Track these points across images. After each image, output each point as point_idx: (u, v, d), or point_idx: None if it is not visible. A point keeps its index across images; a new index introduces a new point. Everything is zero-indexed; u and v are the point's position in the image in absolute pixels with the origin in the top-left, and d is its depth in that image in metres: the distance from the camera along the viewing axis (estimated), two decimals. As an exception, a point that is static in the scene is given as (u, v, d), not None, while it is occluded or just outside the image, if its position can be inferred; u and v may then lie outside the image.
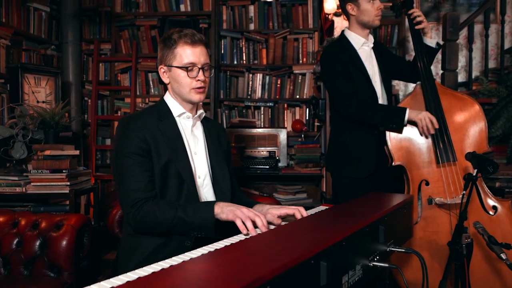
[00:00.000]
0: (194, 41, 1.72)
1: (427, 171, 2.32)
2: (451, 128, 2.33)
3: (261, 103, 4.39)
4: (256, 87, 4.41)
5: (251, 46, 4.43)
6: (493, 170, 1.85)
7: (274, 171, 3.72)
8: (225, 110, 4.41)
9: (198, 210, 1.55)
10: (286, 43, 4.38)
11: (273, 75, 4.39)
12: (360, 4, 2.46)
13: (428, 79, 2.37)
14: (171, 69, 1.73)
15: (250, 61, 4.43)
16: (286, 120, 4.35)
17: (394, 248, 1.54)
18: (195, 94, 1.75)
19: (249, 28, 4.44)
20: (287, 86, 4.37)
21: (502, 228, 2.27)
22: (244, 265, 0.89)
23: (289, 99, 4.35)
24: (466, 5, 4.48)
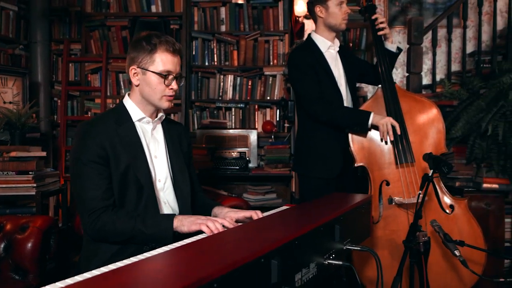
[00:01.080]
0: (174, 49, 1.74)
1: (388, 171, 2.40)
2: (410, 130, 2.41)
3: (232, 104, 4.43)
4: (227, 88, 4.44)
5: (222, 48, 4.46)
6: (448, 170, 1.93)
7: (244, 172, 3.76)
8: (197, 111, 4.44)
9: (158, 222, 1.57)
10: (257, 45, 4.43)
11: (244, 76, 4.43)
12: (329, 7, 2.52)
13: (389, 83, 2.45)
14: (146, 73, 1.73)
15: (222, 62, 4.46)
16: (257, 121, 4.40)
17: (351, 246, 1.60)
18: (165, 102, 1.77)
19: (221, 29, 4.47)
20: (258, 88, 4.41)
21: (459, 226, 2.36)
22: (194, 264, 0.92)
23: (260, 100, 4.40)
24: (432, 9, 4.61)
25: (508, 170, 2.70)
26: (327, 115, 2.43)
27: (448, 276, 2.34)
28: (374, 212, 2.43)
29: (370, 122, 2.34)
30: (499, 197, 2.79)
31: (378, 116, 2.36)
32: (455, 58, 4.55)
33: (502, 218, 2.81)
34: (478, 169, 2.82)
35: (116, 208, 1.63)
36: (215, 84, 4.45)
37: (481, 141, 2.76)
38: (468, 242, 2.32)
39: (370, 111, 2.38)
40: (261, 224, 1.34)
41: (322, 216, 1.42)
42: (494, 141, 2.70)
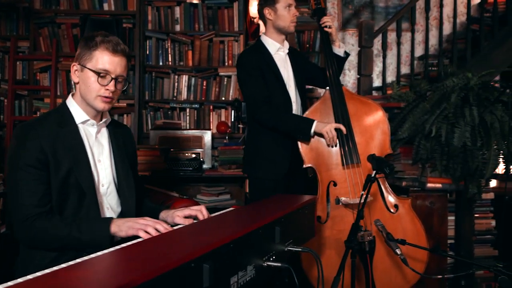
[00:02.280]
0: (115, 50, 1.69)
1: (335, 172, 2.44)
2: (357, 131, 2.46)
3: (187, 105, 4.39)
4: (181, 88, 4.40)
5: (177, 47, 4.41)
6: (390, 171, 1.98)
7: (197, 173, 3.73)
8: (150, 112, 4.37)
9: (94, 228, 1.53)
10: (212, 45, 4.41)
11: (199, 77, 4.40)
12: (277, 9, 2.54)
13: (336, 85, 2.49)
14: (83, 70, 1.69)
15: (176, 62, 4.42)
16: (212, 122, 4.38)
17: (293, 247, 1.61)
18: (100, 102, 1.71)
19: (175, 29, 4.42)
20: (212, 88, 4.39)
21: (403, 225, 2.43)
22: (119, 270, 0.91)
23: (215, 101, 4.38)
24: (384, 13, 4.74)
25: (450, 170, 2.80)
26: (272, 121, 2.45)
27: (392, 273, 2.40)
28: (322, 212, 2.47)
29: (313, 130, 2.38)
30: (443, 196, 2.89)
31: (321, 124, 2.40)
32: (405, 61, 4.68)
33: (446, 216, 2.91)
34: (423, 169, 2.92)
35: (50, 215, 1.57)
36: (169, 84, 4.40)
37: (425, 142, 2.84)
38: (411, 240, 2.39)
39: (313, 119, 2.42)
40: (198, 227, 1.33)
41: (261, 219, 1.42)
42: (437, 142, 2.79)
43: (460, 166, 2.77)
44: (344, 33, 4.73)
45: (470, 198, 2.98)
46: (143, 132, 4.31)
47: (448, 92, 2.82)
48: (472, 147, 2.68)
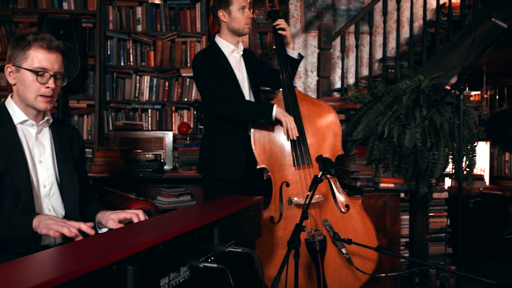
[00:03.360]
0: (50, 46, 1.68)
1: (287, 173, 2.47)
2: (309, 132, 2.49)
3: (149, 106, 4.36)
4: (143, 89, 4.37)
5: (139, 48, 4.38)
6: (335, 172, 2.01)
7: (157, 174, 3.71)
8: (111, 112, 4.32)
9: (16, 225, 1.51)
10: (174, 46, 4.39)
11: (161, 77, 4.37)
12: (231, 11, 2.55)
13: (289, 87, 2.51)
14: (20, 70, 1.67)
15: (138, 63, 4.38)
16: (174, 122, 4.36)
17: (233, 248, 1.62)
18: (41, 102, 1.69)
19: (137, 29, 4.38)
20: (175, 89, 4.37)
21: (354, 225, 2.47)
22: (29, 274, 0.90)
23: (177, 102, 4.36)
24: (346, 16, 4.80)
25: (402, 170, 2.86)
26: (230, 110, 2.44)
27: (343, 272, 2.43)
28: (275, 212, 2.49)
29: (274, 113, 2.38)
30: (395, 195, 2.95)
31: (282, 110, 2.41)
32: (367, 63, 4.76)
33: (398, 216, 2.98)
34: (377, 170, 2.97)
35: None
36: (131, 85, 4.36)
37: (379, 143, 2.90)
38: (362, 239, 2.45)
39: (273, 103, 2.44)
40: (128, 229, 1.33)
41: (198, 220, 1.43)
42: (389, 143, 2.85)
43: (412, 166, 2.83)
44: (307, 35, 4.78)
45: (423, 198, 3.05)
46: (104, 133, 4.25)
47: (400, 94, 2.88)
48: (422, 148, 2.75)
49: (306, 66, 4.75)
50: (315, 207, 2.44)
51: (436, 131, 2.77)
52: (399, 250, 3.07)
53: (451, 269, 2.02)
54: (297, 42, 4.76)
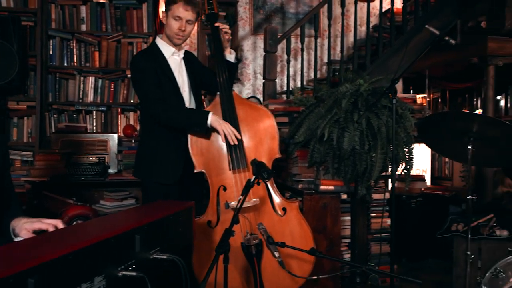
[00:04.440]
0: None
1: (225, 177, 2.46)
2: (246, 136, 2.50)
3: (93, 107, 4.25)
4: (88, 90, 4.25)
5: (83, 48, 4.26)
6: (268, 176, 2.02)
7: (100, 178, 3.62)
8: (54, 114, 4.18)
9: None
10: (120, 46, 4.30)
11: (106, 78, 4.28)
12: (168, 16, 2.52)
13: (226, 91, 2.51)
14: None
15: (82, 63, 4.26)
16: (120, 125, 4.28)
17: (158, 255, 1.60)
18: None
19: (81, 29, 4.26)
20: (120, 90, 4.29)
21: (291, 228, 2.49)
22: None
23: (123, 104, 4.28)
24: (294, 19, 4.85)
25: (342, 172, 2.91)
26: (166, 115, 2.42)
27: (280, 275, 2.44)
28: (212, 216, 2.47)
29: (209, 121, 2.38)
30: (335, 197, 3.00)
31: (218, 119, 2.40)
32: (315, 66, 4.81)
33: (338, 217, 3.03)
34: (317, 172, 3.01)
35: None
36: (74, 86, 4.24)
37: (319, 145, 2.94)
38: (299, 242, 2.47)
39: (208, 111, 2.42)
40: (38, 239, 1.28)
41: (117, 228, 1.39)
42: (330, 145, 2.89)
43: (351, 168, 2.89)
44: (256, 38, 4.79)
45: (363, 199, 3.11)
46: (46, 136, 4.11)
47: (340, 98, 2.93)
48: (360, 151, 2.81)
49: (255, 68, 4.77)
50: (252, 211, 2.44)
51: (373, 134, 2.84)
52: (339, 251, 3.12)
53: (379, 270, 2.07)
54: (246, 44, 4.77)
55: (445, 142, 2.54)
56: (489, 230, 2.79)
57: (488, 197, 3.94)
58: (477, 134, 2.33)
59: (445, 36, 2.60)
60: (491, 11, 3.91)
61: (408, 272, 3.89)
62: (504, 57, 4.00)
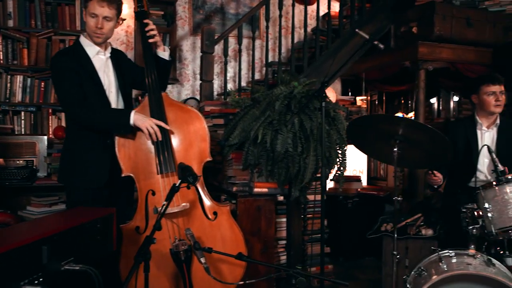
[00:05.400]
0: None
1: (153, 181, 2.39)
2: (176, 139, 2.44)
3: (22, 108, 4.03)
4: (15, 89, 4.03)
5: (10, 45, 4.03)
6: (193, 180, 1.98)
7: (27, 182, 3.43)
8: (-23, 115, 3.94)
9: None
10: (51, 44, 4.10)
11: (36, 77, 4.06)
12: (86, 14, 2.41)
13: (154, 91, 2.43)
14: None
15: (9, 61, 4.03)
16: (51, 126, 4.08)
17: (71, 266, 1.51)
18: None
19: (8, 24, 4.04)
20: (52, 90, 4.09)
21: (222, 232, 2.46)
22: None
23: (55, 104, 4.08)
24: (234, 19, 4.81)
25: (275, 174, 2.91)
26: (88, 117, 2.32)
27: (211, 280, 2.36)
28: (141, 222, 2.39)
29: (132, 121, 2.30)
30: (269, 200, 3.00)
31: (141, 117, 2.32)
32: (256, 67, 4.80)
33: (273, 219, 3.03)
34: (252, 174, 3.00)
35: None
36: (1, 85, 4.00)
37: (253, 148, 2.92)
38: (230, 246, 2.44)
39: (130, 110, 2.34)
40: None
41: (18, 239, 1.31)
42: (263, 148, 2.88)
43: (284, 170, 2.89)
44: (195, 38, 4.72)
45: (297, 201, 3.13)
46: (-32, 137, 3.85)
47: (274, 100, 2.92)
48: (293, 153, 2.81)
49: (194, 69, 4.70)
50: (182, 215, 2.39)
51: (306, 136, 2.85)
52: (275, 253, 3.12)
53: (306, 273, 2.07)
54: (185, 44, 4.69)
55: (373, 144, 2.59)
56: (415, 229, 2.88)
57: (419, 197, 4.08)
58: (402, 137, 2.39)
59: (374, 41, 2.63)
60: (421, 18, 4.05)
61: (345, 271, 3.96)
62: (434, 61, 4.15)
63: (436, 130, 2.30)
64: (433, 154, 2.50)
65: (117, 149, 2.39)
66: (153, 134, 2.31)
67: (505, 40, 4.24)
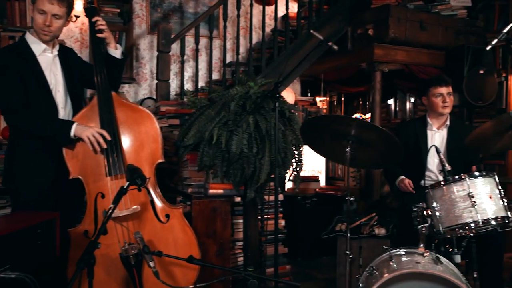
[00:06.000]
0: None
1: (103, 184, 2.32)
2: (126, 140, 2.38)
3: (-33, 107, 3.84)
4: (-40, 88, 3.84)
5: (-47, 41, 3.84)
6: (141, 182, 1.93)
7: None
8: None
9: None
10: (-1, 40, 3.94)
11: (-17, 75, 3.89)
12: (34, 9, 2.32)
13: (103, 91, 2.37)
14: None
15: (-47, 58, 3.83)
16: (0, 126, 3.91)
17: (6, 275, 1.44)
18: None
19: (-51, 19, 3.85)
20: (0, 89, 3.92)
21: (175, 235, 2.41)
22: None
23: (3, 103, 3.92)
24: (193, 19, 4.74)
25: (231, 175, 2.88)
26: (27, 126, 2.24)
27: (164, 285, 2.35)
28: (89, 226, 2.32)
29: (73, 133, 2.23)
30: (225, 201, 2.98)
31: (82, 127, 2.25)
32: (214, 67, 4.76)
33: (228, 221, 3.01)
34: (207, 176, 2.96)
35: None
36: None
37: (209, 149, 2.88)
38: (183, 249, 2.40)
39: (73, 121, 2.27)
40: None
41: None
42: (219, 148, 2.85)
43: (240, 171, 2.86)
44: (153, 37, 4.62)
45: (254, 202, 3.11)
46: None
47: (229, 100, 2.90)
48: (248, 153, 2.79)
49: (152, 68, 4.61)
50: (132, 219, 2.33)
51: (262, 137, 2.84)
52: (230, 255, 3.10)
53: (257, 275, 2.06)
54: (142, 43, 4.60)
55: (327, 144, 2.61)
56: (369, 229, 2.92)
57: (375, 196, 4.15)
58: (354, 137, 2.41)
59: (328, 42, 2.66)
60: (377, 20, 4.12)
61: (302, 271, 3.98)
62: (389, 63, 4.23)
63: (386, 131, 2.34)
64: (385, 154, 2.54)
65: (64, 151, 2.31)
66: (94, 142, 2.24)
67: (456, 44, 4.37)
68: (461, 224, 2.24)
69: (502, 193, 2.31)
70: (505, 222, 2.26)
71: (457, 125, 3.14)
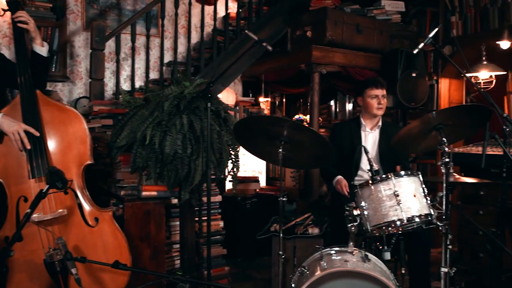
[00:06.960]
0: None
1: (26, 186, 2.21)
2: (52, 140, 2.28)
3: None
4: None
5: None
6: (62, 185, 1.86)
7: None
8: None
9: None
10: None
11: None
12: None
13: (28, 90, 2.25)
14: None
15: None
16: None
17: None
18: None
19: None
20: None
21: (104, 239, 2.34)
22: None
23: None
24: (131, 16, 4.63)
25: (165, 177, 2.83)
26: None
27: (93, 290, 2.28)
28: (10, 232, 2.20)
29: None
30: (159, 203, 2.92)
31: (8, 122, 2.14)
32: (154, 67, 4.68)
33: (163, 223, 2.95)
34: (140, 177, 2.89)
35: None
36: None
37: (142, 149, 2.81)
38: (113, 253, 2.34)
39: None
40: None
41: None
42: (152, 150, 2.78)
43: (174, 173, 2.82)
44: (88, 34, 4.44)
45: (189, 203, 3.07)
46: None
47: (162, 101, 2.84)
48: (182, 155, 2.75)
49: (87, 66, 4.44)
50: (58, 223, 2.23)
51: (196, 137, 2.81)
52: (165, 258, 3.05)
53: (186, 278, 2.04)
54: (77, 40, 4.43)
55: (260, 145, 2.61)
56: (303, 228, 2.95)
57: (314, 196, 4.22)
58: (287, 138, 2.43)
59: (262, 42, 2.67)
60: (315, 22, 4.19)
61: (241, 272, 3.99)
62: (327, 65, 4.31)
63: (316, 132, 2.38)
64: (317, 155, 2.58)
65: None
66: (18, 141, 2.12)
67: (391, 47, 4.53)
68: (387, 222, 2.31)
69: (425, 192, 2.40)
70: (428, 219, 2.35)
71: (388, 126, 3.24)
